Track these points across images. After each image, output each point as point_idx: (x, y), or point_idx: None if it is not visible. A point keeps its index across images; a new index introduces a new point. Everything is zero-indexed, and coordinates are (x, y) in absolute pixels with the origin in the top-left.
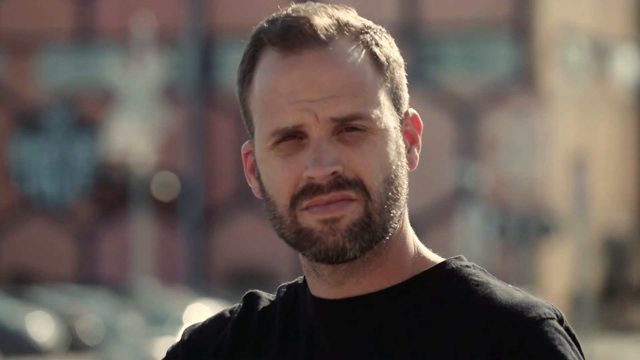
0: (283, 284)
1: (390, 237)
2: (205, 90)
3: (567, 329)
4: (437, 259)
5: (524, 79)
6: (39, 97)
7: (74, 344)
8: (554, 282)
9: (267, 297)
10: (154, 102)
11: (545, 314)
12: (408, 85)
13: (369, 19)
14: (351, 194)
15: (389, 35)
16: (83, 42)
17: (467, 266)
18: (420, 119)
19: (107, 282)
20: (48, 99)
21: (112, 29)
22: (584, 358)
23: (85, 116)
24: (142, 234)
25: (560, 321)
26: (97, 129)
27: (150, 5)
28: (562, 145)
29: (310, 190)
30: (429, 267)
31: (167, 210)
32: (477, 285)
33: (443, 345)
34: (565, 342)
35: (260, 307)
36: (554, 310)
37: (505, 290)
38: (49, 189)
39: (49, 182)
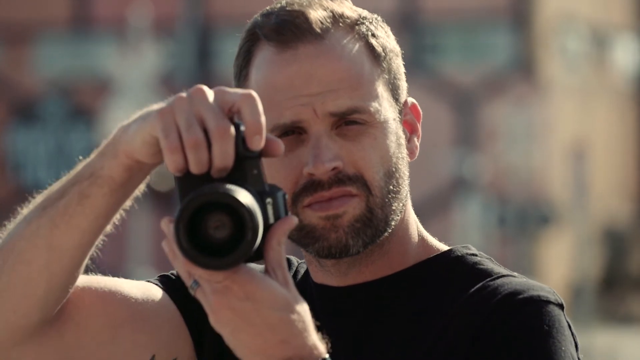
0: (302, 261)
1: (392, 229)
2: (202, 79)
3: (565, 318)
4: (443, 247)
5: (523, 68)
6: (34, 87)
7: None
8: (553, 272)
9: (294, 266)
10: (150, 91)
11: (540, 297)
12: (406, 75)
13: (367, 7)
14: (352, 189)
15: (385, 24)
16: (79, 31)
17: (474, 254)
18: (419, 107)
19: (104, 272)
20: (44, 88)
21: (108, 18)
22: (576, 348)
23: (81, 105)
24: (138, 224)
25: (559, 306)
26: (94, 118)
27: None
28: (561, 135)
29: (311, 186)
30: (434, 254)
31: (163, 200)
32: (480, 272)
33: (441, 329)
34: (556, 324)
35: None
36: (554, 295)
37: (508, 276)
38: (45, 178)
39: (45, 172)
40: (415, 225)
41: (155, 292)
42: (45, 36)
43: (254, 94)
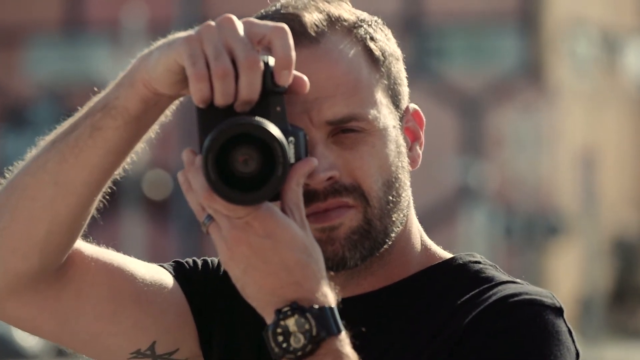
0: None
1: (392, 240)
2: None
3: (564, 323)
4: (447, 255)
5: (531, 73)
6: (26, 91)
7: (61, 348)
8: (561, 285)
9: None
10: None
11: (534, 300)
12: (410, 79)
13: (369, 10)
14: (349, 200)
15: (385, 26)
16: (72, 33)
17: (477, 262)
18: (422, 114)
19: None
20: (36, 93)
21: (102, 20)
22: (577, 356)
23: (74, 110)
24: (133, 233)
25: (557, 310)
26: None
27: None
28: (570, 142)
29: (306, 197)
30: (436, 262)
31: (159, 210)
32: (482, 280)
33: (434, 332)
34: (549, 328)
35: None
36: (552, 299)
37: (508, 282)
38: None
39: None
40: (418, 235)
41: (165, 277)
42: (36, 39)
43: (286, 27)
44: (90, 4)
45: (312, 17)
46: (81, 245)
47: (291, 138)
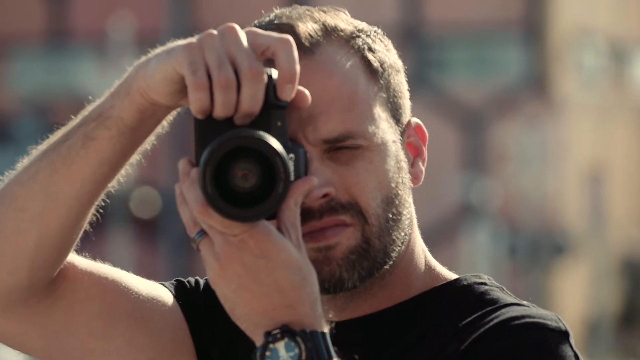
0: None
1: (393, 260)
2: None
3: (570, 347)
4: (452, 276)
5: (536, 85)
6: (8, 105)
7: None
8: (568, 306)
9: None
10: None
11: (537, 323)
12: (409, 92)
13: (367, 20)
14: (346, 218)
15: (386, 37)
16: (56, 45)
17: (483, 283)
18: (424, 128)
19: None
20: (18, 107)
21: (87, 31)
22: None
23: (59, 125)
24: (120, 253)
25: (562, 333)
26: None
27: (129, 5)
28: (577, 157)
29: (301, 216)
30: (440, 284)
31: (147, 229)
32: (486, 302)
33: (433, 355)
34: (551, 351)
35: None
36: (557, 322)
37: (514, 305)
38: None
39: None
40: (422, 255)
41: (163, 295)
42: (19, 50)
43: (291, 39)
44: (75, 14)
45: (306, 28)
46: (75, 259)
47: (291, 155)
